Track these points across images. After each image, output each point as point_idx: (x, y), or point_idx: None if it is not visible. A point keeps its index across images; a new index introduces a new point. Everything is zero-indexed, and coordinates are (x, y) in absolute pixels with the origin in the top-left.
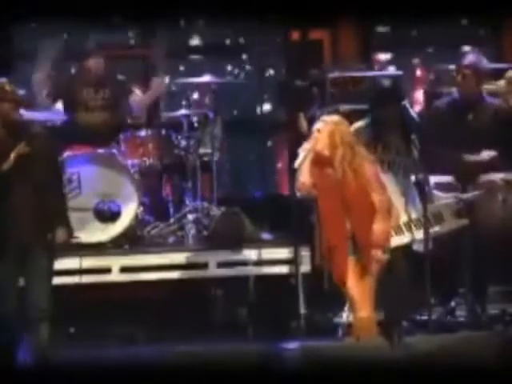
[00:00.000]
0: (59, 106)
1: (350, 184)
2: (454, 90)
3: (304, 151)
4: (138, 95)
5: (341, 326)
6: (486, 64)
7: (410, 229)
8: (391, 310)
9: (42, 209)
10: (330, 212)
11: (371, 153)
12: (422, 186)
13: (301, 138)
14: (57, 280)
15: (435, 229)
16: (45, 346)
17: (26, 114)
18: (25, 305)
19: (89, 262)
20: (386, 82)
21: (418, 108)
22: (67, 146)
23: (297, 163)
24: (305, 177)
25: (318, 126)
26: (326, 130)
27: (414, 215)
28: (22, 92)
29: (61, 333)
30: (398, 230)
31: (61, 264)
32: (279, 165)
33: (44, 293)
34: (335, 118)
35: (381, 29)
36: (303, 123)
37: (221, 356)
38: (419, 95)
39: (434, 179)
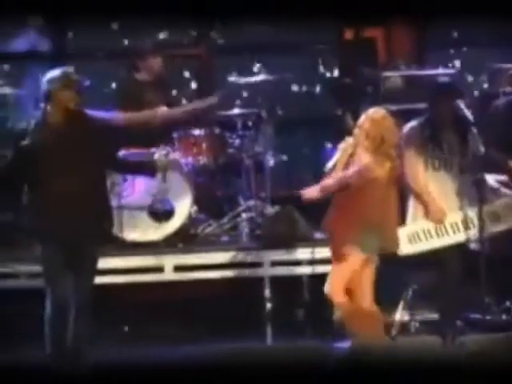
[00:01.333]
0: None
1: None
2: None
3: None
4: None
5: (393, 325)
6: None
7: (466, 227)
8: (445, 309)
9: (95, 199)
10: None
11: (424, 152)
12: (477, 186)
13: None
14: (110, 279)
15: (491, 228)
16: (82, 341)
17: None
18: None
19: (142, 261)
20: (441, 81)
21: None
22: (122, 145)
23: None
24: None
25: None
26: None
27: (470, 214)
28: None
29: (114, 332)
30: (454, 228)
31: (114, 263)
32: None
33: (87, 286)
34: (377, 112)
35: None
36: (350, 122)
37: (274, 355)
38: None
39: (495, 177)
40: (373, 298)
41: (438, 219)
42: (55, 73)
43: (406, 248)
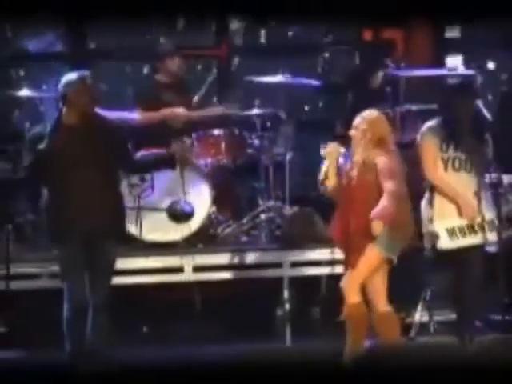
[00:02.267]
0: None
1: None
2: None
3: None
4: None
5: (413, 325)
6: None
7: (482, 229)
8: (464, 310)
9: (111, 199)
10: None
11: (443, 152)
12: (495, 187)
13: None
14: (129, 279)
15: (509, 231)
16: (101, 340)
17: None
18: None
19: (162, 262)
20: (459, 82)
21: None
22: (141, 146)
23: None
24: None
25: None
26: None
27: (487, 216)
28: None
29: (133, 332)
30: (472, 230)
31: (133, 263)
32: None
33: (105, 286)
34: (371, 114)
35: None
36: (340, 128)
37: (292, 355)
38: None
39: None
40: (387, 298)
41: (470, 216)
42: (71, 77)
43: (446, 243)
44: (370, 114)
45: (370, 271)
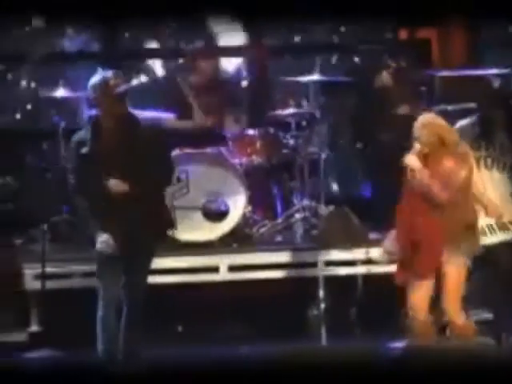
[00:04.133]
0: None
1: None
2: None
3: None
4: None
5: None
6: None
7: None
8: (500, 309)
9: (149, 203)
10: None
11: (475, 150)
12: None
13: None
14: (164, 279)
15: None
16: (135, 341)
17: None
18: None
19: (197, 261)
20: (495, 81)
21: None
22: (175, 145)
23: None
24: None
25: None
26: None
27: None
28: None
29: (169, 332)
30: (501, 228)
31: (168, 263)
32: None
33: (141, 285)
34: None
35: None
36: None
37: (327, 355)
38: None
39: None
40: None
41: (494, 215)
42: (95, 79)
43: (488, 239)
44: (423, 117)
45: (463, 283)
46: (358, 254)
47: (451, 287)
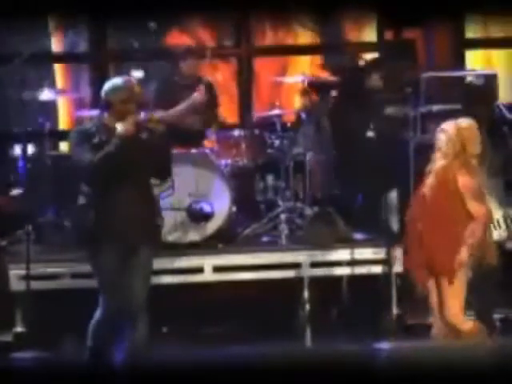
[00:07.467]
0: None
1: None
2: None
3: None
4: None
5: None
6: None
7: (500, 226)
8: (482, 309)
9: (150, 205)
10: None
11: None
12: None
13: None
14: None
15: None
16: (141, 345)
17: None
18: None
19: (181, 262)
20: (479, 82)
21: None
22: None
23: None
24: None
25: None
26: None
27: (500, 214)
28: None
29: (153, 333)
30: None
31: (154, 264)
32: None
33: (144, 291)
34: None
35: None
36: None
37: (312, 356)
38: None
39: None
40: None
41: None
42: (117, 83)
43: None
44: (463, 121)
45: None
46: (343, 254)
47: (453, 293)
